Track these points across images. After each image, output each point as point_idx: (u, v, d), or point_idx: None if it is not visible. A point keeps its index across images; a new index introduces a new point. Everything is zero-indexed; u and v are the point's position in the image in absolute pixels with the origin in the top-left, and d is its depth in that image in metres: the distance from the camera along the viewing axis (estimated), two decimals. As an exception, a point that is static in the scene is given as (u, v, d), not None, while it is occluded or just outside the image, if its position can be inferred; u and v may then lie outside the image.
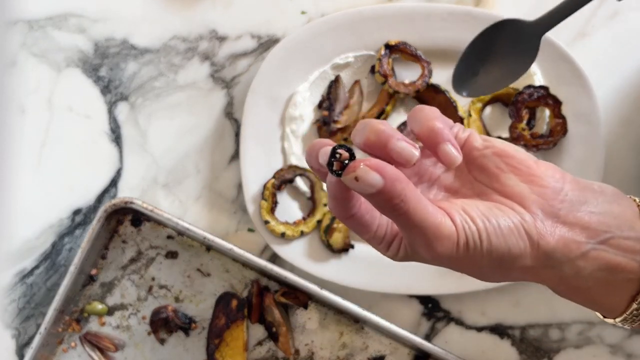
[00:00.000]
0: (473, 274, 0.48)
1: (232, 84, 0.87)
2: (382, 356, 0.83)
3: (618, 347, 0.84)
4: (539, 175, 0.47)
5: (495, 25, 0.55)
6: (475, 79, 0.57)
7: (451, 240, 0.45)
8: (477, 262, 0.46)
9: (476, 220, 0.45)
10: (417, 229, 0.45)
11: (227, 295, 0.82)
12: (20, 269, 0.86)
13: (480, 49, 0.56)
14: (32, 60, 0.87)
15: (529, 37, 0.57)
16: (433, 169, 0.50)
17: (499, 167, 0.48)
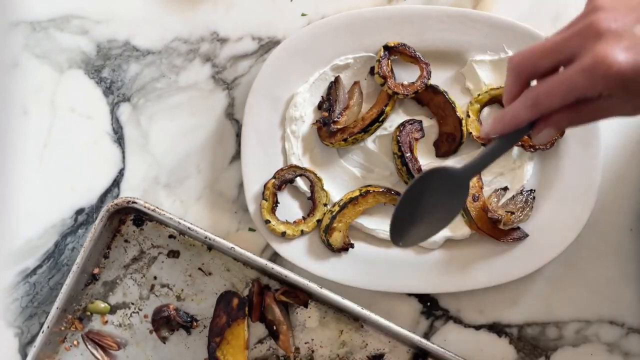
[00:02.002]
0: None
1: (233, 85, 0.88)
2: (382, 354, 0.83)
3: (615, 346, 0.85)
4: None
5: (426, 175, 0.58)
6: (410, 228, 0.58)
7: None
8: None
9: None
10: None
11: (228, 294, 0.82)
12: (23, 268, 0.87)
13: (414, 198, 0.58)
14: (34, 62, 0.88)
15: (458, 182, 0.59)
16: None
17: None
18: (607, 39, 0.46)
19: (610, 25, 0.47)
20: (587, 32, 0.47)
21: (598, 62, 0.46)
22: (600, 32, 0.47)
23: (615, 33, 0.46)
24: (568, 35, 0.48)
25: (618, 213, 0.85)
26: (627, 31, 0.46)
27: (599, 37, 0.47)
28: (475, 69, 0.83)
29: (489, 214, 0.81)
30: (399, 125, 0.82)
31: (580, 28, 0.48)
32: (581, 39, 0.47)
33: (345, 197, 0.83)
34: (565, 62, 0.48)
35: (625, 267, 0.85)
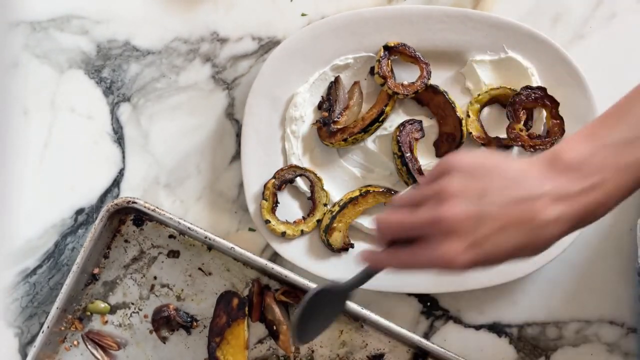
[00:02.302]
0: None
1: (233, 85, 0.88)
2: (382, 354, 0.83)
3: (615, 346, 0.85)
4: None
5: (317, 292, 0.70)
6: (307, 329, 0.71)
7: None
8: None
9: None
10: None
11: (228, 294, 0.82)
12: (23, 268, 0.87)
13: (310, 307, 0.70)
14: (34, 62, 0.88)
15: (340, 296, 0.70)
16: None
17: None
18: (450, 238, 0.53)
19: (454, 226, 0.53)
20: (437, 225, 0.54)
21: (443, 259, 0.54)
22: (448, 230, 0.54)
23: (456, 233, 0.53)
24: (421, 221, 0.55)
25: (618, 213, 0.85)
26: (469, 232, 0.53)
27: (445, 234, 0.54)
28: (475, 69, 0.83)
29: (489, 214, 0.81)
30: (399, 125, 0.82)
31: (431, 218, 0.55)
32: (431, 230, 0.55)
33: (345, 197, 0.83)
34: (423, 236, 0.56)
35: (625, 267, 0.84)
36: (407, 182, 0.82)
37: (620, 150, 0.55)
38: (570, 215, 0.55)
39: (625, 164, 0.54)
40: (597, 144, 0.55)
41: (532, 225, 0.54)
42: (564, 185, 0.54)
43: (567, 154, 0.55)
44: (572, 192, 0.54)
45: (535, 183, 0.54)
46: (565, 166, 0.55)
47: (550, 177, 0.54)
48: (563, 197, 0.54)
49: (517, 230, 0.54)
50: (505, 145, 0.83)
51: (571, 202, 0.54)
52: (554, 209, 0.54)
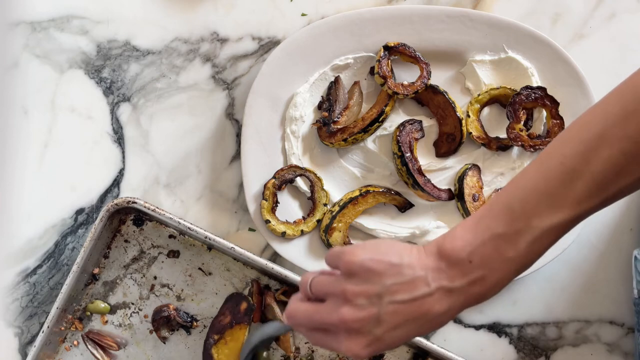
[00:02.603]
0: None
1: (233, 85, 0.88)
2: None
3: (615, 346, 0.85)
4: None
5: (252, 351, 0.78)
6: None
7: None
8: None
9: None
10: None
11: (239, 296, 0.82)
12: (24, 268, 0.87)
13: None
14: (34, 62, 0.88)
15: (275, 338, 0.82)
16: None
17: None
18: (352, 337, 0.60)
19: (354, 326, 0.59)
20: (339, 326, 0.60)
21: (347, 353, 0.60)
22: (348, 330, 0.59)
23: (357, 332, 0.59)
24: (327, 321, 0.61)
25: (618, 213, 0.85)
26: (369, 332, 0.59)
27: (348, 333, 0.60)
28: (475, 69, 0.83)
29: (489, 214, 0.81)
30: (399, 125, 0.82)
31: (334, 320, 0.60)
32: (336, 329, 0.60)
33: (345, 197, 0.83)
34: (330, 329, 0.61)
35: (625, 267, 0.85)
36: (407, 182, 0.82)
37: (501, 245, 0.58)
38: (458, 306, 0.60)
39: (506, 258, 0.58)
40: (482, 237, 0.59)
41: (425, 319, 0.59)
42: (449, 280, 0.59)
43: (454, 247, 0.59)
44: (457, 287, 0.59)
45: (425, 281, 0.59)
46: (450, 261, 0.59)
47: (439, 273, 0.59)
48: (450, 291, 0.59)
49: (412, 325, 0.60)
50: (505, 145, 0.83)
51: (457, 296, 0.59)
52: (443, 304, 0.59)
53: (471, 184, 0.82)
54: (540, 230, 0.57)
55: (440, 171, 0.84)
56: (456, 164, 0.84)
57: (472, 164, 0.83)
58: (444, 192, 0.83)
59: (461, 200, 0.82)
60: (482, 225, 0.59)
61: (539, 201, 0.57)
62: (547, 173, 0.58)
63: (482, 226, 0.59)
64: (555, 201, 0.57)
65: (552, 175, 0.58)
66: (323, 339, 0.62)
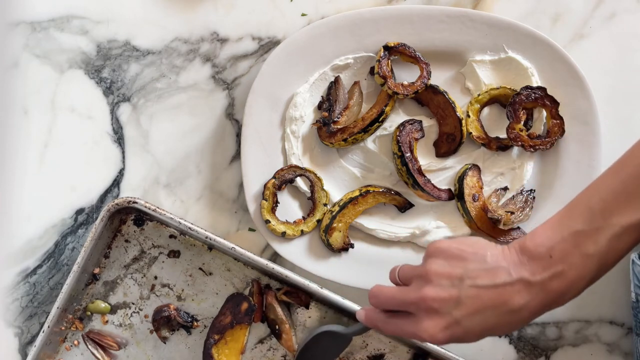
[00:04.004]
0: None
1: (233, 85, 0.88)
2: (382, 354, 0.84)
3: (615, 346, 0.85)
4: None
5: (319, 335, 0.81)
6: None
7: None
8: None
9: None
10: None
11: (240, 297, 0.82)
12: (24, 268, 0.87)
13: (311, 343, 0.82)
14: (34, 62, 0.88)
15: (342, 339, 0.80)
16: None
17: None
18: (431, 317, 0.61)
19: (434, 305, 0.61)
20: (420, 304, 0.62)
21: (424, 334, 0.62)
22: (429, 309, 0.61)
23: (437, 313, 0.61)
24: (408, 300, 0.63)
25: (618, 213, 0.85)
26: (448, 313, 0.61)
27: (428, 313, 0.62)
28: (475, 69, 0.83)
29: (489, 214, 0.81)
30: (399, 125, 0.82)
31: (415, 298, 0.63)
32: (416, 308, 0.62)
33: (345, 197, 0.83)
34: (411, 312, 0.64)
35: (625, 267, 0.85)
36: (407, 182, 0.82)
37: (581, 241, 0.60)
38: (537, 302, 0.60)
39: (585, 254, 0.60)
40: (561, 234, 0.61)
41: (504, 310, 0.60)
42: (530, 273, 0.60)
43: (535, 243, 0.61)
44: (537, 280, 0.60)
45: (507, 271, 0.61)
46: (531, 255, 0.61)
47: (520, 266, 0.60)
48: (530, 284, 0.60)
49: (491, 313, 0.60)
50: (505, 145, 0.83)
51: (537, 290, 0.60)
52: (522, 295, 0.60)
53: (471, 184, 0.82)
54: (619, 227, 0.59)
55: (440, 171, 0.84)
56: (456, 164, 0.84)
57: (472, 164, 0.83)
58: (444, 192, 0.83)
59: (461, 200, 0.82)
60: (562, 224, 0.61)
61: (618, 201, 0.59)
62: (625, 177, 0.60)
63: (562, 225, 0.61)
64: (634, 200, 0.59)
65: (630, 178, 0.60)
66: (401, 323, 0.64)
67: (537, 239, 0.61)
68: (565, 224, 0.61)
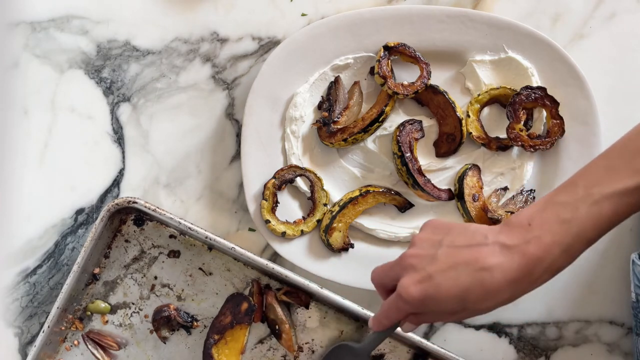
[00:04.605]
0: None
1: (233, 85, 0.88)
2: (382, 354, 0.84)
3: (615, 346, 0.85)
4: None
5: (334, 349, 0.82)
6: None
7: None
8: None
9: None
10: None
11: (240, 297, 0.82)
12: (24, 268, 0.87)
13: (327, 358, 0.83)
14: (34, 62, 0.88)
15: (359, 355, 0.80)
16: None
17: None
18: (408, 273, 0.64)
19: (411, 262, 0.64)
20: (400, 262, 0.65)
21: (401, 292, 0.63)
22: (405, 266, 0.64)
23: (413, 268, 0.63)
24: (394, 264, 0.66)
25: (618, 213, 0.85)
26: (422, 268, 0.63)
27: (405, 270, 0.64)
28: (475, 69, 0.83)
29: (489, 214, 0.81)
30: (399, 125, 0.82)
31: (398, 259, 0.66)
32: (398, 269, 0.65)
33: (345, 197, 0.83)
34: (397, 279, 0.65)
35: (625, 267, 0.85)
36: (407, 182, 0.82)
37: (560, 209, 0.61)
38: (511, 264, 0.60)
39: (563, 220, 0.60)
40: (543, 206, 0.62)
41: (477, 267, 0.61)
42: (507, 237, 0.61)
43: (517, 216, 0.63)
44: (512, 243, 0.61)
45: (484, 235, 0.62)
46: (512, 224, 0.62)
47: (498, 233, 0.62)
48: (505, 247, 0.61)
49: (463, 270, 0.61)
50: (505, 145, 0.83)
51: (511, 253, 0.60)
52: (496, 256, 0.61)
53: (471, 184, 0.82)
54: (599, 195, 0.59)
55: (440, 171, 0.84)
56: (456, 164, 0.84)
57: (472, 164, 0.83)
58: (444, 192, 0.83)
59: (461, 200, 0.82)
60: (547, 200, 0.62)
61: (600, 173, 0.61)
62: (609, 153, 0.62)
63: (546, 200, 0.62)
64: (614, 171, 0.60)
65: (613, 152, 0.62)
66: (389, 301, 0.66)
67: (520, 213, 0.63)
68: (549, 200, 0.62)
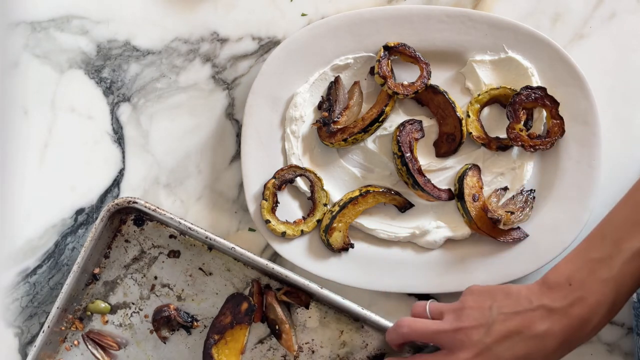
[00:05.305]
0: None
1: (233, 85, 0.88)
2: (382, 354, 0.84)
3: (615, 346, 0.85)
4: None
5: None
6: None
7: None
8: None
9: None
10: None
11: (240, 297, 0.82)
12: (24, 268, 0.87)
13: None
14: (34, 62, 0.88)
15: None
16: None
17: None
18: (465, 347, 0.66)
19: (467, 335, 0.66)
20: (456, 334, 0.67)
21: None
22: (462, 340, 0.67)
23: (470, 342, 0.66)
24: (442, 329, 0.68)
25: (618, 213, 0.85)
26: (479, 341, 0.66)
27: (462, 343, 0.67)
28: (475, 69, 0.83)
29: (489, 214, 0.81)
30: (399, 125, 0.82)
31: (451, 328, 0.68)
32: (450, 339, 0.68)
33: (345, 197, 0.83)
34: (440, 346, 0.69)
35: (625, 267, 0.85)
36: (407, 182, 0.82)
37: (596, 268, 0.64)
38: (559, 328, 0.64)
39: (601, 280, 0.63)
40: (579, 264, 0.66)
41: (529, 334, 0.65)
42: (550, 300, 0.65)
43: (555, 275, 0.66)
44: (558, 307, 0.65)
45: (529, 300, 0.66)
46: (552, 285, 0.66)
47: (541, 295, 0.66)
48: (551, 311, 0.65)
49: (518, 339, 0.65)
50: (505, 145, 0.83)
51: (559, 317, 0.64)
52: (544, 322, 0.65)
53: (471, 184, 0.82)
54: (630, 252, 0.63)
55: (440, 171, 0.84)
56: (456, 164, 0.84)
57: (472, 164, 0.83)
58: (444, 192, 0.83)
59: (461, 200, 0.82)
60: (579, 254, 0.66)
61: (627, 227, 0.64)
62: (633, 203, 0.65)
63: (579, 255, 0.66)
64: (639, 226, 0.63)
65: (638, 204, 0.64)
66: (431, 357, 0.69)
67: (557, 270, 0.66)
68: (582, 255, 0.65)
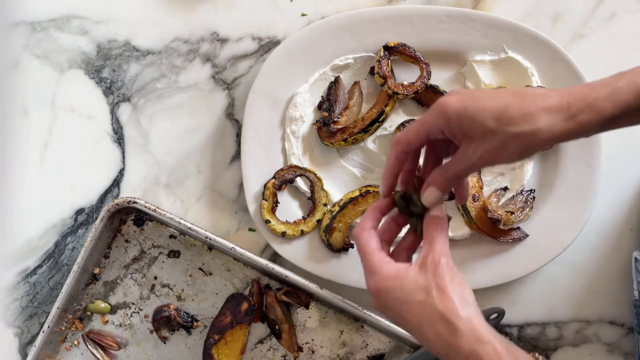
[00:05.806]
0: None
1: (233, 85, 0.88)
2: (382, 354, 0.84)
3: (615, 346, 0.85)
4: None
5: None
6: None
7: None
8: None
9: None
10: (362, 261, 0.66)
11: (240, 297, 0.82)
12: (24, 268, 0.87)
13: None
14: (35, 62, 0.88)
15: None
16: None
17: None
18: (448, 95, 0.62)
19: (452, 95, 0.61)
20: (437, 105, 0.62)
21: (439, 104, 0.61)
22: (444, 101, 0.62)
23: (453, 92, 0.62)
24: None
25: (618, 213, 0.85)
26: (461, 93, 0.61)
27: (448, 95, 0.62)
28: (475, 69, 0.83)
29: (489, 214, 0.81)
30: (399, 125, 0.82)
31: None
32: (436, 111, 0.62)
33: (345, 197, 0.83)
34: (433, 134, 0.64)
35: (625, 267, 0.85)
36: (407, 182, 0.82)
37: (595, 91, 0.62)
38: (554, 93, 0.61)
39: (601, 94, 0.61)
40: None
41: (521, 92, 0.61)
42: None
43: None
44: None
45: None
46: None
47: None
48: (550, 89, 0.62)
49: (505, 92, 0.61)
50: (505, 145, 0.83)
51: (556, 90, 0.61)
52: (541, 88, 0.63)
53: (471, 184, 0.82)
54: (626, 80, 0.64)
55: (440, 171, 0.84)
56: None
57: (472, 164, 0.83)
58: (444, 192, 0.83)
59: (461, 200, 0.82)
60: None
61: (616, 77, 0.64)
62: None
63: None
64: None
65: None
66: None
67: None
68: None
